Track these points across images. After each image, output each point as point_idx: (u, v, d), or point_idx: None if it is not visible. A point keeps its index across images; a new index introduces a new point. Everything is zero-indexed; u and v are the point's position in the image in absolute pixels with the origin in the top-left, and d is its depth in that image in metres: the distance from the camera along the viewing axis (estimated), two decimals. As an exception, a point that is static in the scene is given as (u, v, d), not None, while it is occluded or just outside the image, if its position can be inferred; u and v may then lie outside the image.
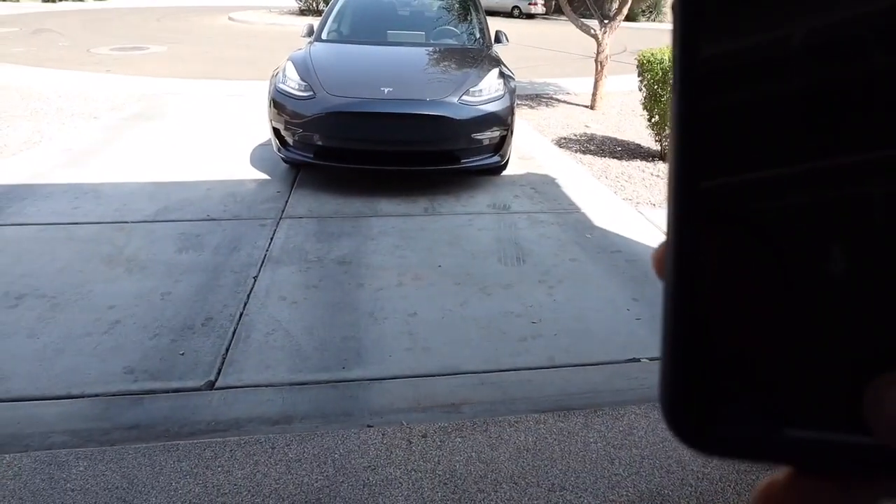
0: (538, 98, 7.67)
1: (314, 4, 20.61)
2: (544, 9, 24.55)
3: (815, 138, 0.15)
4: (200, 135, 5.05)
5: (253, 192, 3.68)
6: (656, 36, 18.46)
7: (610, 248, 3.18)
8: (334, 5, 4.97)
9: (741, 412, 0.16)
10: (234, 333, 2.20)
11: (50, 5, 21.26)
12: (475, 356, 2.18)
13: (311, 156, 3.64)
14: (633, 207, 3.87)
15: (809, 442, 0.16)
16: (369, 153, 3.63)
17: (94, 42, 11.79)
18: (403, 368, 2.08)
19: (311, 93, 3.58)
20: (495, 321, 2.41)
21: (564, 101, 7.52)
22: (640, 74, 4.98)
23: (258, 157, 4.43)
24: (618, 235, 3.36)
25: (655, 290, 2.97)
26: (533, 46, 13.70)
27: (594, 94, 7.12)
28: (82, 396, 1.83)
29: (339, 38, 4.62)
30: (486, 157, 3.75)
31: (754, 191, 0.16)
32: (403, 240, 3.09)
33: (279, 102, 3.67)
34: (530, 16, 24.25)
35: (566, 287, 2.73)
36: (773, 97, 0.16)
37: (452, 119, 3.55)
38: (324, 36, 4.56)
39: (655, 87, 4.72)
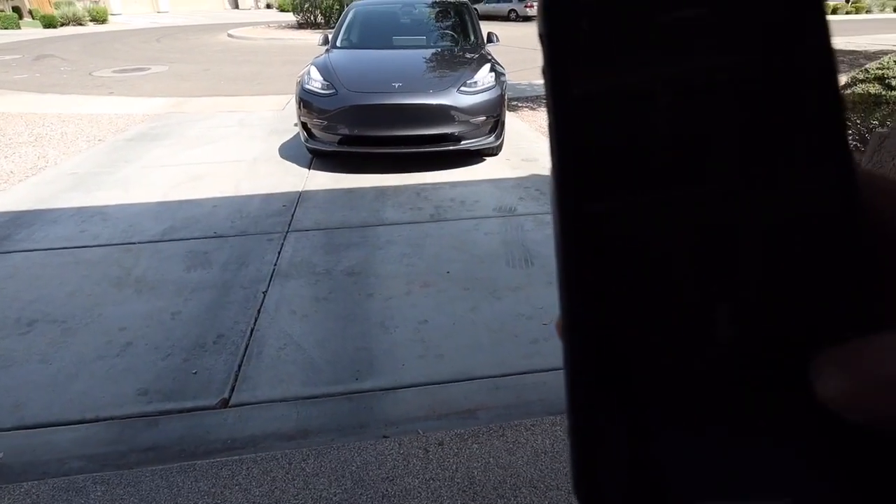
0: (539, 100, 7.67)
1: (312, 18, 20.80)
2: (539, 10, 24.52)
3: (674, 166, 0.17)
4: (205, 153, 5.08)
5: (258, 207, 3.69)
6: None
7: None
8: (345, 17, 5.61)
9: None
10: (245, 349, 2.20)
11: (51, 31, 21.57)
12: (488, 360, 2.16)
13: (335, 143, 4.25)
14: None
15: None
16: (385, 138, 4.20)
17: (95, 65, 11.94)
18: (417, 376, 2.07)
19: (333, 90, 4.20)
20: (506, 324, 2.39)
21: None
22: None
23: (263, 173, 4.45)
24: (625, 233, 3.33)
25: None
26: (530, 48, 13.73)
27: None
28: (97, 420, 1.83)
29: (351, 45, 5.28)
30: (483, 139, 4.40)
31: (631, 212, 0.17)
32: (411, 247, 3.08)
33: (306, 101, 4.28)
34: (526, 18, 24.32)
35: (576, 288, 2.71)
36: (635, 129, 0.17)
37: (453, 107, 4.14)
38: (338, 44, 5.24)
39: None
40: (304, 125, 4.39)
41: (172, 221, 3.43)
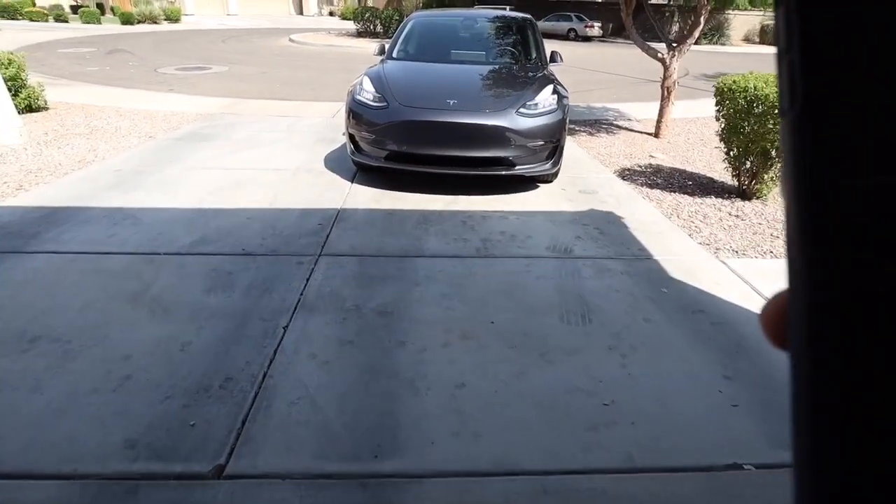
0: (597, 124, 7.24)
1: (371, 27, 21.09)
2: (601, 31, 24.10)
3: None
4: (248, 158, 4.94)
5: (294, 223, 3.45)
6: (721, 59, 17.60)
7: (690, 306, 2.71)
8: (404, 28, 5.36)
9: None
10: (254, 400, 1.90)
11: (128, 27, 22.80)
12: (535, 448, 1.78)
13: (382, 159, 4.00)
14: (713, 254, 3.37)
15: None
16: (434, 157, 3.90)
17: (162, 62, 12.36)
18: (448, 461, 1.71)
19: (384, 103, 3.98)
20: (559, 400, 2.00)
21: (626, 128, 7.04)
22: (718, 103, 4.48)
23: (304, 184, 4.24)
24: (698, 290, 2.88)
25: (753, 366, 2.49)
26: (589, 69, 13.29)
27: (659, 122, 6.62)
28: (73, 478, 1.57)
29: (407, 56, 5.03)
30: (540, 164, 4.06)
31: None
32: (452, 287, 2.74)
33: (356, 112, 4.06)
34: (586, 38, 23.87)
35: (642, 357, 2.29)
36: None
37: (510, 129, 3.85)
38: (394, 55, 5.01)
39: (737, 117, 4.22)
40: (351, 137, 4.18)
41: (203, 231, 3.23)
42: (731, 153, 4.41)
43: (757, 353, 2.35)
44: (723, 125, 4.44)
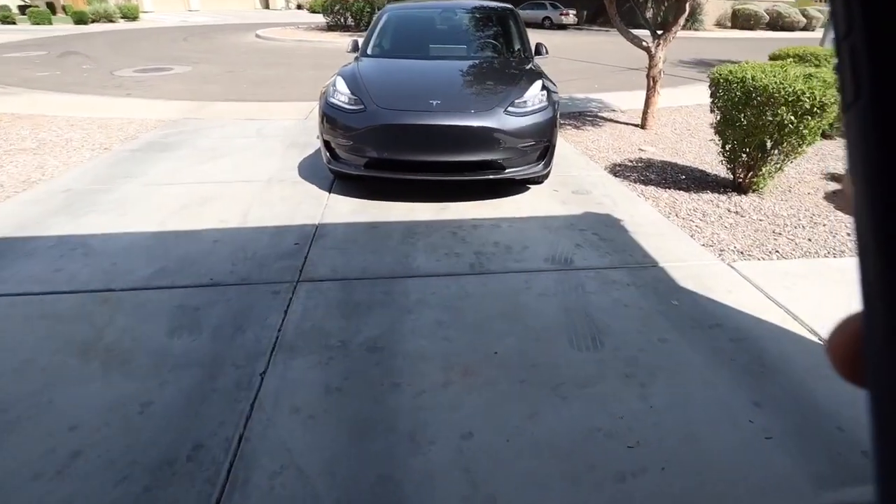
0: (581, 116, 7.03)
1: (342, 20, 20.49)
2: (575, 19, 23.95)
3: None
4: (215, 169, 4.57)
5: (267, 244, 3.13)
6: (697, 45, 17.61)
7: (705, 320, 2.51)
8: (378, 22, 4.98)
9: None
10: (228, 473, 1.62)
11: (81, 27, 21.67)
12: (560, 511, 1.54)
13: (362, 167, 3.71)
14: (718, 258, 3.18)
15: None
16: (418, 163, 3.63)
17: (118, 64, 11.68)
18: (461, 537, 1.46)
19: (361, 106, 3.67)
20: (579, 446, 1.77)
21: (611, 120, 6.85)
22: (713, 95, 4.29)
23: (277, 197, 3.91)
24: (710, 301, 2.68)
25: (780, 389, 2.29)
26: (567, 58, 13.08)
27: (645, 112, 6.44)
28: None
29: (383, 53, 4.68)
30: (531, 167, 3.81)
31: None
32: (448, 312, 2.48)
33: (330, 116, 3.75)
34: (562, 26, 23.71)
35: (662, 385, 2.08)
36: None
37: (499, 130, 3.58)
38: (369, 51, 4.67)
39: (732, 110, 4.03)
40: (326, 144, 3.84)
41: (164, 261, 2.90)
42: (727, 147, 4.23)
43: (781, 372, 2.16)
44: (717, 117, 4.26)
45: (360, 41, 4.86)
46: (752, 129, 3.94)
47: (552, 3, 24.47)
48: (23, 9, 24.12)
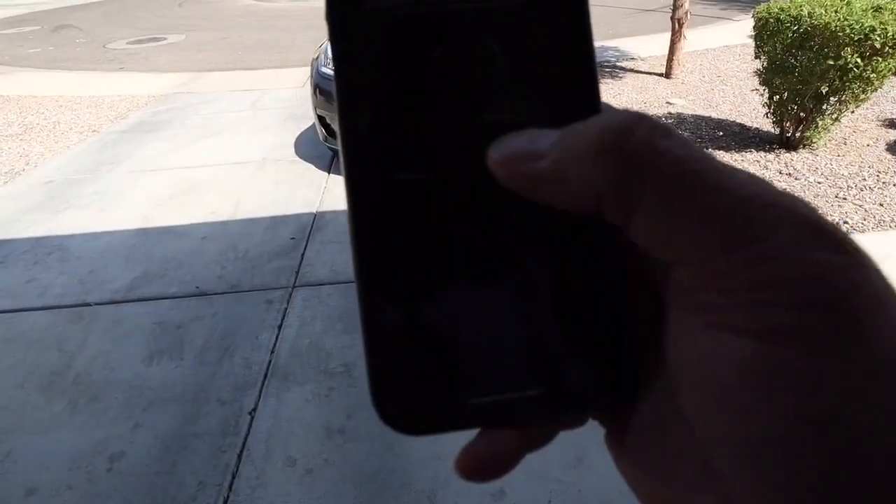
0: (600, 67, 6.40)
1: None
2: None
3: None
4: (206, 149, 4.19)
5: (260, 239, 2.79)
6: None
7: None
8: None
9: (433, 394, 0.18)
10: (209, 552, 1.33)
11: (75, -2, 20.91)
12: None
13: None
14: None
15: (490, 404, 0.18)
16: None
17: (112, 35, 11.16)
18: None
19: None
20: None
21: (632, 70, 6.22)
22: (758, 37, 3.71)
23: (272, 180, 3.54)
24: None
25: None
26: None
27: (670, 60, 5.79)
28: None
29: None
30: None
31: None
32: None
33: (323, 88, 3.32)
34: None
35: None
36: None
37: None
38: None
39: (784, 54, 3.47)
40: (320, 119, 3.43)
41: (146, 264, 2.58)
42: (776, 98, 3.69)
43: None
44: (765, 63, 3.69)
45: None
46: (807, 75, 3.39)
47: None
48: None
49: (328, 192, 3.33)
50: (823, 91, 3.41)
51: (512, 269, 0.18)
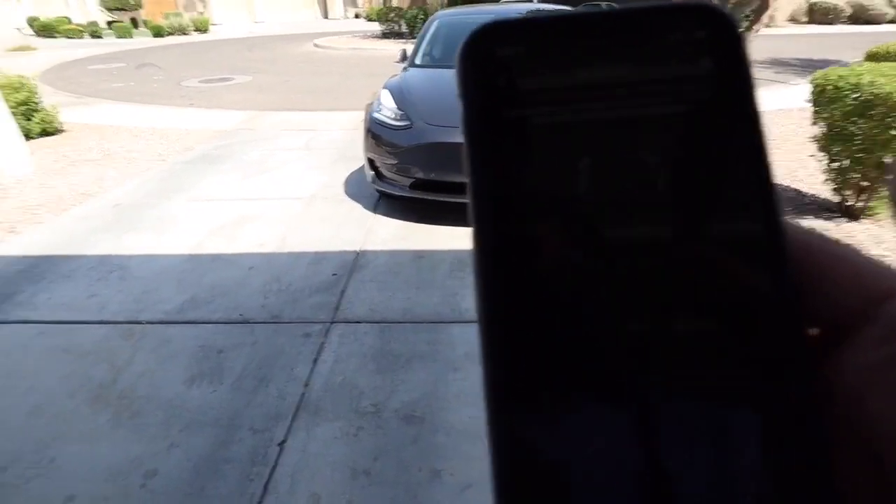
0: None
1: (396, 28, 20.59)
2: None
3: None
4: (259, 184, 4.44)
5: (304, 273, 2.89)
6: (770, 43, 16.21)
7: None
8: (427, 30, 4.72)
9: None
10: (228, 583, 1.33)
11: (158, 40, 23.04)
12: None
13: (407, 187, 3.48)
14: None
15: None
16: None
17: (187, 74, 12.16)
18: None
19: (407, 122, 3.44)
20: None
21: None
22: (816, 104, 3.68)
23: (319, 217, 3.69)
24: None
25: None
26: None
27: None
28: None
29: (433, 62, 4.39)
30: None
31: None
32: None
33: (375, 133, 3.54)
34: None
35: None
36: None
37: None
38: (418, 61, 4.43)
39: (843, 121, 3.41)
40: (370, 162, 3.60)
41: (196, 289, 2.71)
42: (838, 165, 3.60)
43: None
44: (823, 130, 3.64)
45: (409, 50, 4.64)
46: (869, 143, 3.31)
47: (608, 3, 23.52)
48: (109, 24, 26.00)
49: (371, 233, 3.43)
50: (886, 160, 3.31)
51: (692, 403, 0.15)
